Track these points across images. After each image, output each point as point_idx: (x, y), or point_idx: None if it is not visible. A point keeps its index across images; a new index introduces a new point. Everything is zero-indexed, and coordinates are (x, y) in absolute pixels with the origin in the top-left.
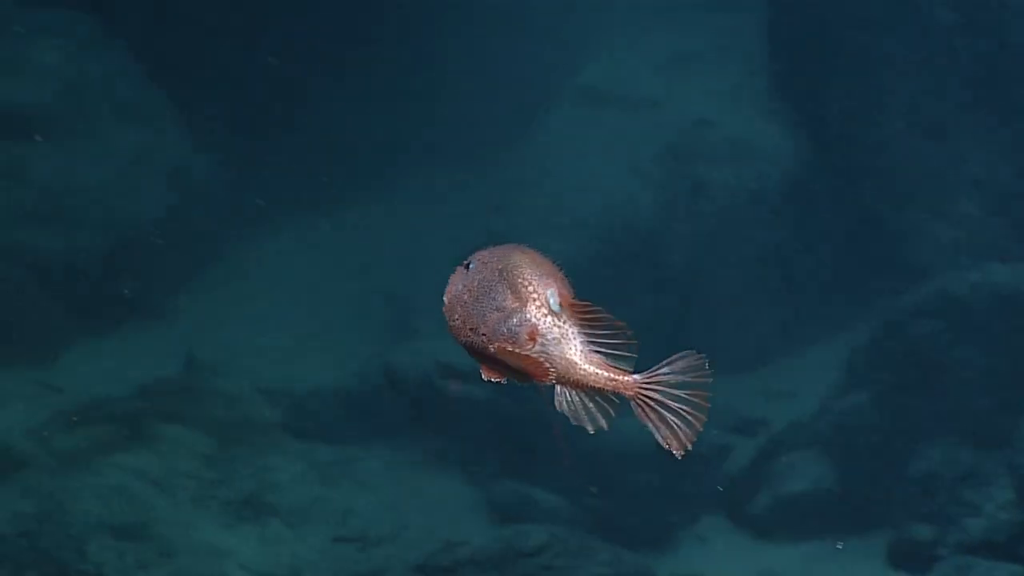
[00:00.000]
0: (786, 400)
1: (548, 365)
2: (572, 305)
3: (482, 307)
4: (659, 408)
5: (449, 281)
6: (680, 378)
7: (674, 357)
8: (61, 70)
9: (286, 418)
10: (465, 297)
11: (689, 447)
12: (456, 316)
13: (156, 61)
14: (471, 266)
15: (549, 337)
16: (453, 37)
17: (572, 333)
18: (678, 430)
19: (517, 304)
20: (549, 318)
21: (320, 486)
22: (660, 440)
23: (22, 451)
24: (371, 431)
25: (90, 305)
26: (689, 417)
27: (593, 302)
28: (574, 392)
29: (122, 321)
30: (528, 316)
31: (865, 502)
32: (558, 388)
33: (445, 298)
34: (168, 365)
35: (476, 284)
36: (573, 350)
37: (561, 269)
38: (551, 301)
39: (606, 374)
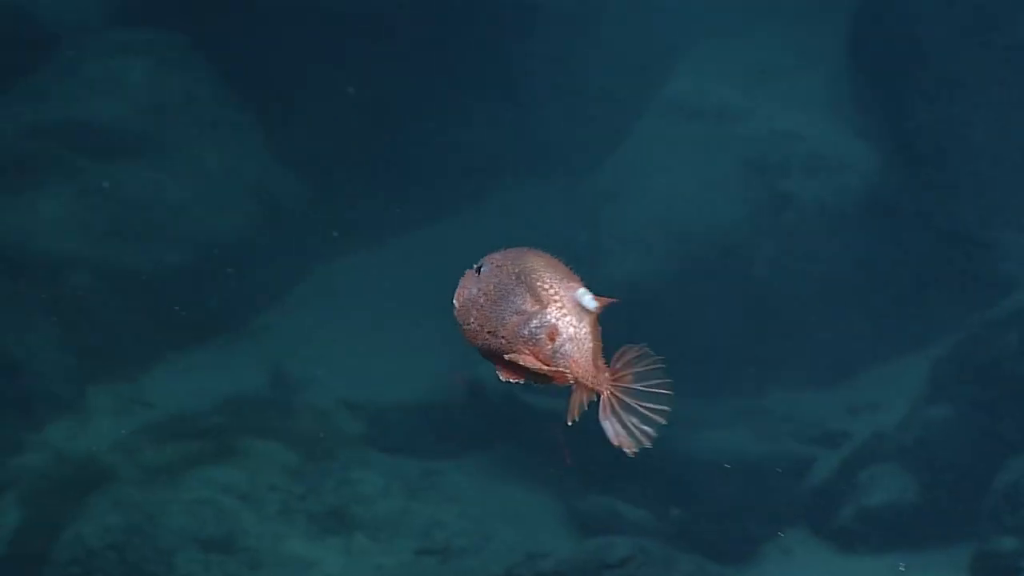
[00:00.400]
0: (869, 412)
1: (563, 370)
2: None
3: (500, 310)
4: (621, 407)
5: (460, 284)
6: (637, 373)
7: (623, 351)
8: (148, 88)
9: (371, 432)
10: (481, 301)
11: (647, 445)
12: (472, 320)
13: (240, 78)
14: (483, 269)
15: (565, 336)
16: (538, 52)
17: (585, 334)
18: (634, 429)
19: (537, 307)
20: (568, 318)
21: (404, 499)
22: (612, 438)
23: (111, 465)
24: (455, 444)
25: (177, 320)
26: (649, 416)
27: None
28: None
29: (208, 336)
30: (549, 318)
31: (949, 515)
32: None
33: (456, 302)
34: (254, 380)
35: (492, 288)
36: (583, 350)
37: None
38: (586, 299)
39: (593, 371)
